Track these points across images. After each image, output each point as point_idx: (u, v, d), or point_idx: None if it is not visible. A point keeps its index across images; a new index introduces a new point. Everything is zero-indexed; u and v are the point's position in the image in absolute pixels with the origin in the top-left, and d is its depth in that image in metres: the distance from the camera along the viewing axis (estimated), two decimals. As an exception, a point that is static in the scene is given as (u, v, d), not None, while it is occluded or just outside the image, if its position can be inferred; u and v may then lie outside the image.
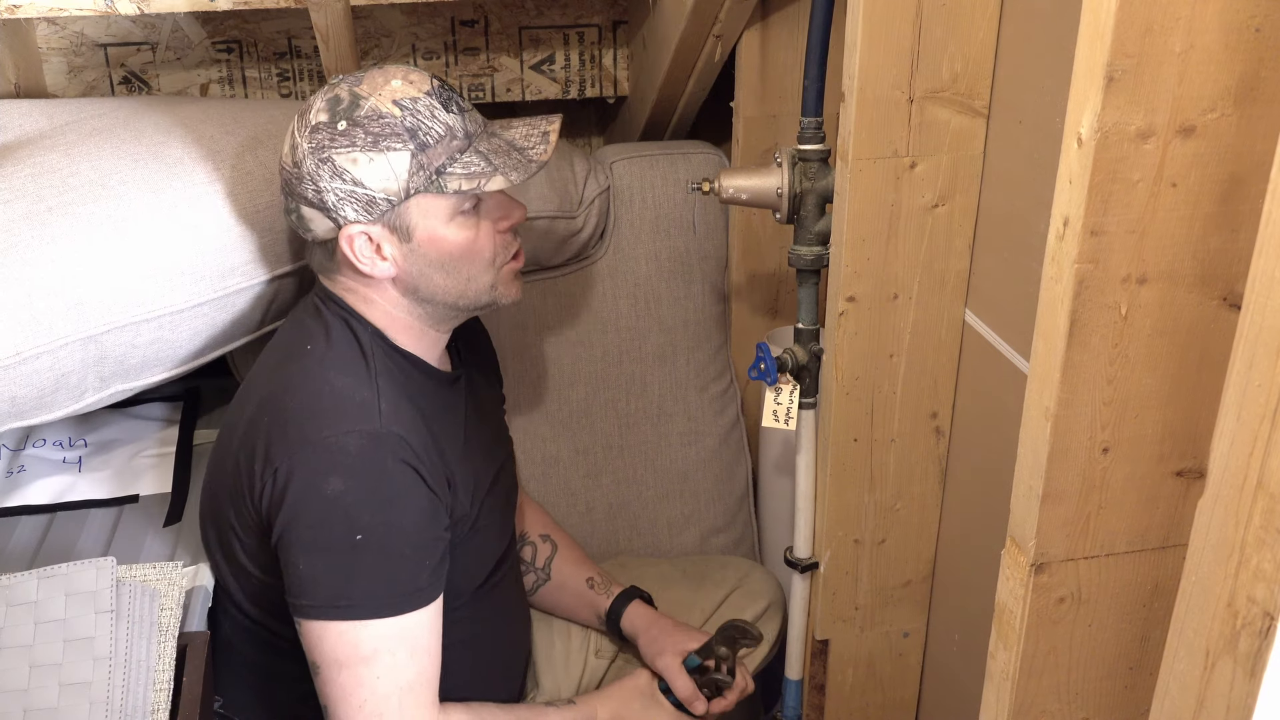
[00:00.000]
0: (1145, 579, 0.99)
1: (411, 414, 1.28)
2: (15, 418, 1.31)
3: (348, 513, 1.20)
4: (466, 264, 1.28)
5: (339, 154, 1.23)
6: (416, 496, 1.24)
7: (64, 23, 1.90)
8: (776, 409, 1.49)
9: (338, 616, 1.22)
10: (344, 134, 1.23)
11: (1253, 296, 0.68)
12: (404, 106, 1.23)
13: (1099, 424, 0.92)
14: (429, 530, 1.26)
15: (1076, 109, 0.83)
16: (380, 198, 1.23)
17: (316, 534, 1.21)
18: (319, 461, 1.21)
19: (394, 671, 1.23)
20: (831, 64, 1.38)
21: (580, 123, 2.32)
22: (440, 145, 1.24)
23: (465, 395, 1.42)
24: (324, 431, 1.22)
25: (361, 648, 1.22)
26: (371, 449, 1.22)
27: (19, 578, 1.30)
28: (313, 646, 1.24)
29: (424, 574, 1.25)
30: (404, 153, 1.22)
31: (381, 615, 1.22)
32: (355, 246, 1.26)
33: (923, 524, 1.51)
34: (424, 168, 1.23)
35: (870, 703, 1.64)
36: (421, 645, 1.26)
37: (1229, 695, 0.73)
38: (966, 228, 1.34)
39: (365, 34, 1.96)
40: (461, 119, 1.26)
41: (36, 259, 1.29)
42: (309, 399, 1.25)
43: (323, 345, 1.29)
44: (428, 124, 1.23)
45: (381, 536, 1.21)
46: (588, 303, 1.87)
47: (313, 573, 1.22)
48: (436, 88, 1.26)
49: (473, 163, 1.25)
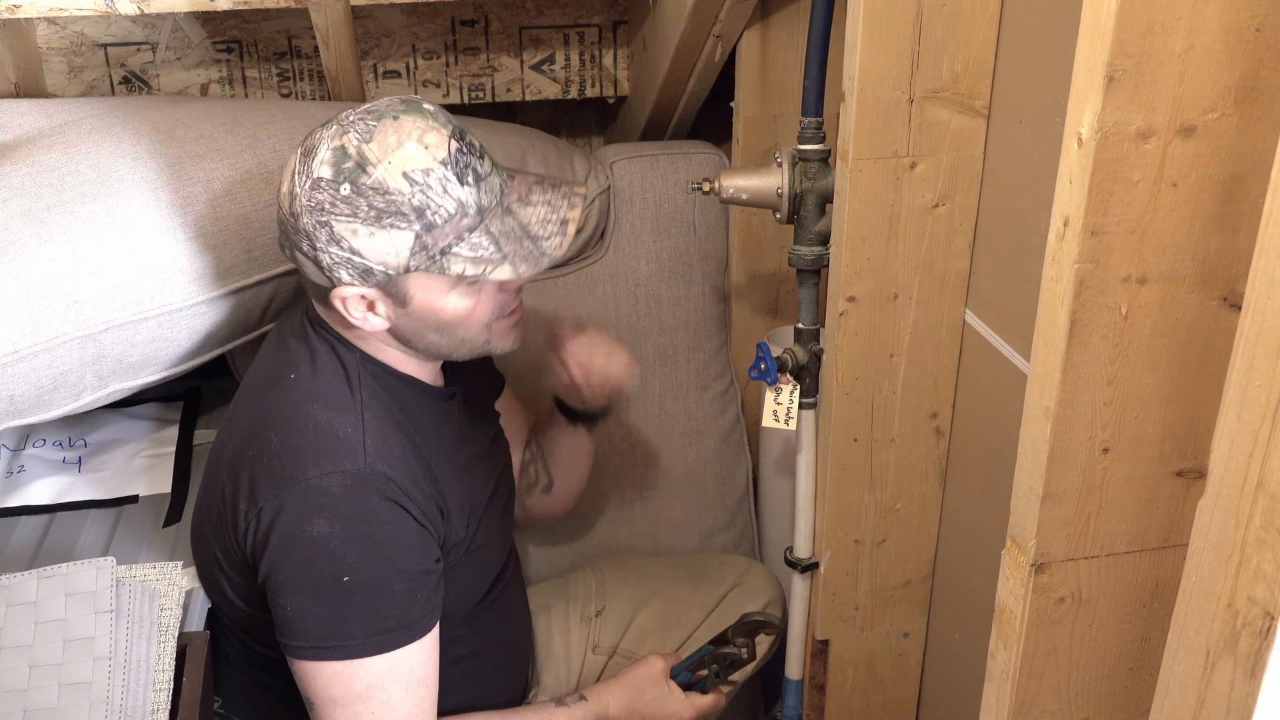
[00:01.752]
0: (1145, 579, 0.99)
1: (400, 444, 1.25)
2: (14, 416, 1.31)
3: (334, 554, 1.18)
4: (462, 329, 1.26)
5: (338, 221, 1.16)
6: (404, 532, 1.22)
7: (64, 23, 1.90)
8: (776, 409, 1.49)
9: (329, 657, 1.21)
10: (346, 200, 1.15)
11: (1253, 296, 0.68)
12: (414, 181, 1.15)
13: (1099, 424, 0.92)
14: (418, 564, 1.24)
15: (1076, 109, 0.83)
16: (378, 269, 1.18)
17: (303, 576, 1.19)
18: (303, 503, 1.19)
19: (389, 707, 1.22)
20: (831, 64, 1.38)
21: (580, 123, 2.32)
22: (449, 225, 1.17)
23: (460, 410, 1.40)
24: (308, 472, 1.19)
25: (355, 686, 1.21)
26: (355, 489, 1.20)
27: (19, 578, 1.30)
28: (306, 685, 1.23)
29: (415, 607, 1.23)
30: (408, 232, 1.15)
31: (374, 653, 1.21)
32: (348, 305, 1.22)
33: (923, 524, 1.51)
34: (427, 248, 1.17)
35: (870, 703, 1.64)
36: (416, 677, 1.24)
37: (1229, 695, 0.73)
38: (966, 228, 1.34)
39: (365, 34, 1.96)
40: (476, 192, 1.18)
41: (35, 257, 1.29)
42: (292, 435, 1.22)
43: (307, 374, 1.26)
44: (437, 202, 1.16)
45: (369, 576, 1.20)
46: (588, 303, 1.87)
47: (301, 614, 1.20)
48: (454, 153, 1.17)
49: (481, 245, 1.19)
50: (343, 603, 1.19)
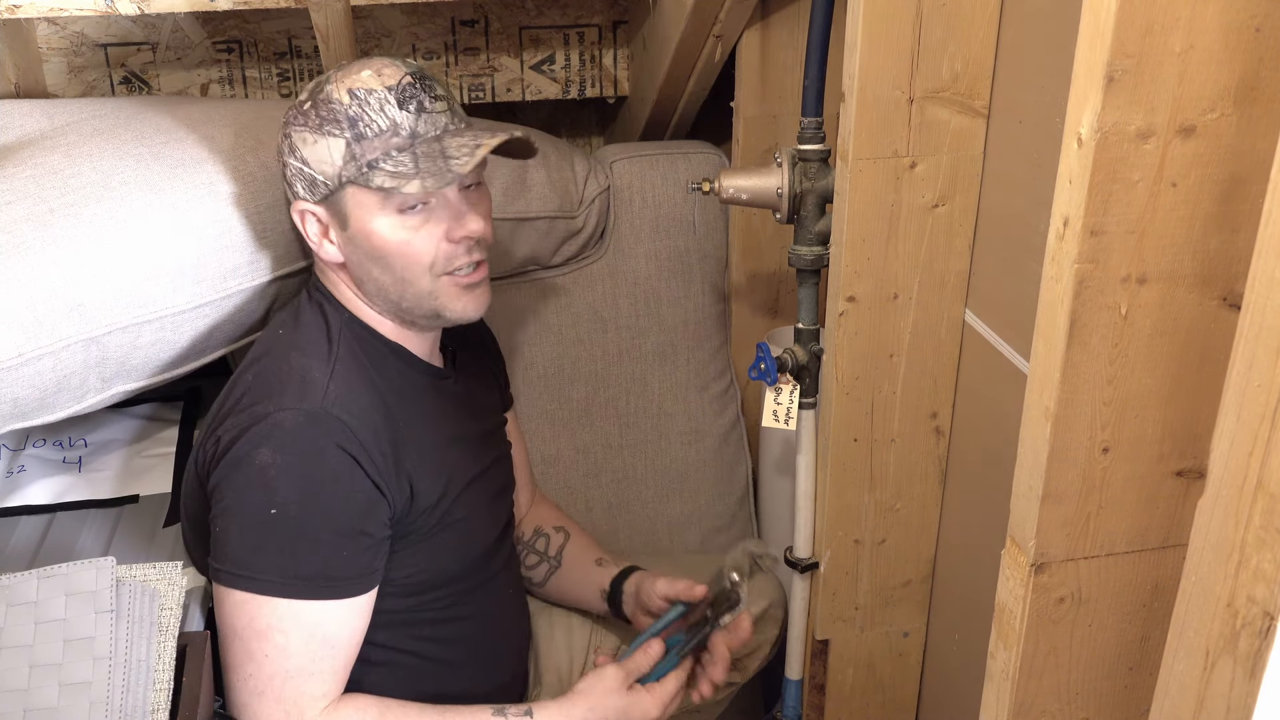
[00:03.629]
0: (1145, 579, 0.99)
1: (367, 398, 1.28)
2: (17, 419, 1.31)
3: (268, 485, 1.21)
4: (400, 264, 1.28)
5: (294, 130, 1.28)
6: (351, 485, 1.24)
7: (64, 23, 1.90)
8: (776, 409, 1.49)
9: (239, 586, 1.23)
10: (303, 112, 1.27)
11: (1253, 296, 0.68)
12: (355, 95, 1.24)
13: (1099, 424, 0.92)
14: (354, 522, 1.25)
15: (1076, 109, 0.83)
16: (319, 179, 1.26)
17: (235, 499, 1.23)
18: (255, 433, 1.22)
19: (284, 652, 1.23)
20: (831, 64, 1.38)
21: (580, 123, 2.32)
22: (378, 140, 1.24)
23: (457, 394, 1.42)
24: (268, 404, 1.24)
25: (256, 622, 1.23)
26: (307, 427, 1.23)
27: (19, 578, 1.30)
28: (217, 609, 1.26)
29: (337, 565, 1.24)
30: (340, 140, 1.24)
31: (280, 595, 1.22)
32: (306, 224, 1.30)
33: (923, 524, 1.51)
34: (356, 158, 1.24)
35: (870, 703, 1.64)
36: (321, 635, 1.24)
37: (1229, 695, 0.74)
38: (966, 228, 1.34)
39: (365, 34, 1.96)
40: (414, 119, 1.25)
41: (38, 260, 1.29)
42: (263, 375, 1.28)
43: (291, 327, 1.32)
44: (371, 116, 1.24)
45: (295, 514, 1.22)
46: (588, 303, 1.87)
47: (225, 537, 1.23)
48: (404, 84, 1.26)
49: (403, 163, 1.24)
50: (264, 535, 1.22)
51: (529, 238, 1.76)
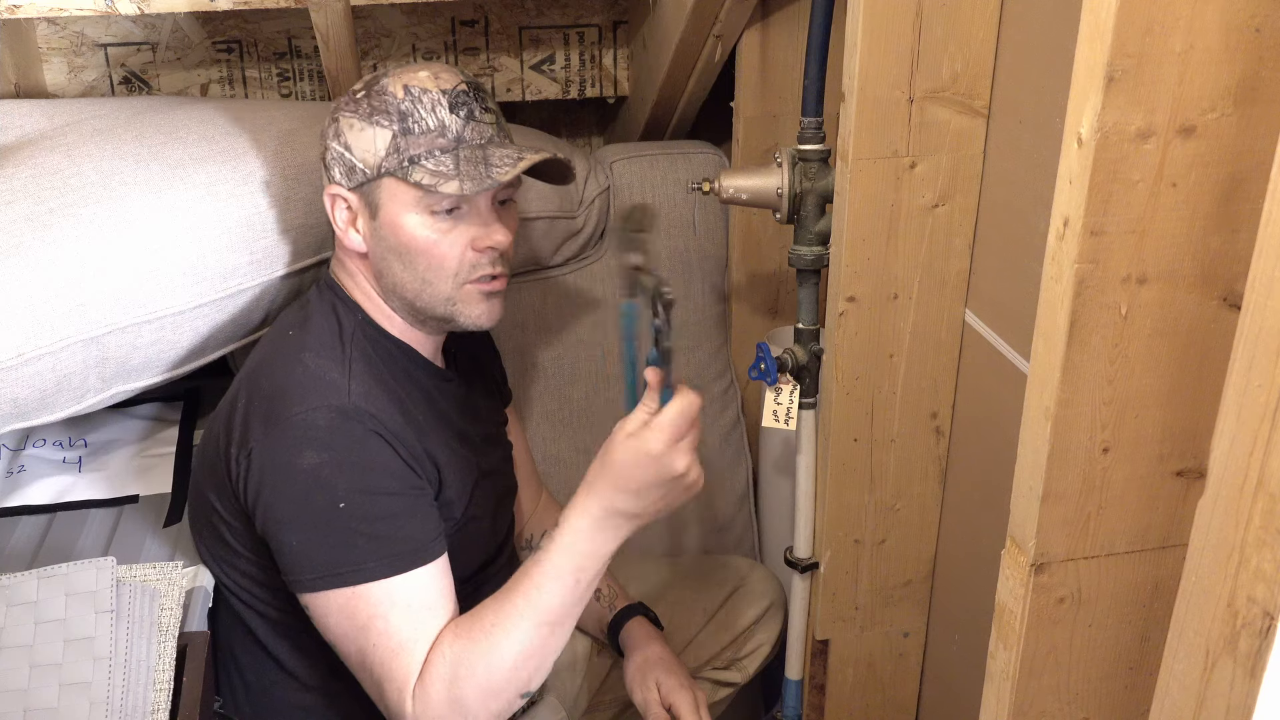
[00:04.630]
0: (1145, 579, 0.99)
1: (384, 398, 1.28)
2: (17, 419, 1.31)
3: (326, 483, 1.20)
4: (423, 264, 1.28)
5: (344, 116, 1.29)
6: (391, 462, 1.25)
7: (64, 23, 1.90)
8: (776, 409, 1.49)
9: (340, 584, 1.21)
10: (357, 101, 1.28)
11: (1253, 296, 0.68)
12: (410, 92, 1.26)
13: (1099, 424, 0.92)
14: (410, 484, 1.26)
15: (1076, 109, 0.83)
16: (359, 166, 1.27)
17: (300, 509, 1.21)
18: (290, 439, 1.22)
19: (398, 631, 1.21)
20: (831, 64, 1.38)
21: (580, 123, 2.32)
22: (424, 137, 1.25)
23: (458, 396, 1.42)
24: (293, 408, 1.22)
25: (360, 614, 1.21)
26: (340, 422, 1.23)
27: (19, 578, 1.30)
28: (320, 619, 1.24)
29: (418, 528, 1.24)
30: (388, 131, 1.26)
31: (384, 575, 1.21)
32: (335, 209, 1.31)
33: (923, 524, 1.51)
34: (399, 151, 1.25)
35: (870, 703, 1.64)
36: (422, 601, 1.23)
37: (1229, 695, 0.73)
38: (966, 228, 1.34)
39: (365, 34, 1.96)
40: (463, 124, 1.27)
41: (38, 261, 1.29)
42: (281, 378, 1.26)
43: (301, 330, 1.31)
44: (421, 113, 1.26)
45: (363, 501, 1.21)
46: (588, 302, 1.87)
47: (305, 547, 1.22)
48: (457, 90, 1.28)
49: (444, 163, 1.25)
50: (343, 529, 1.21)
51: (529, 238, 1.77)
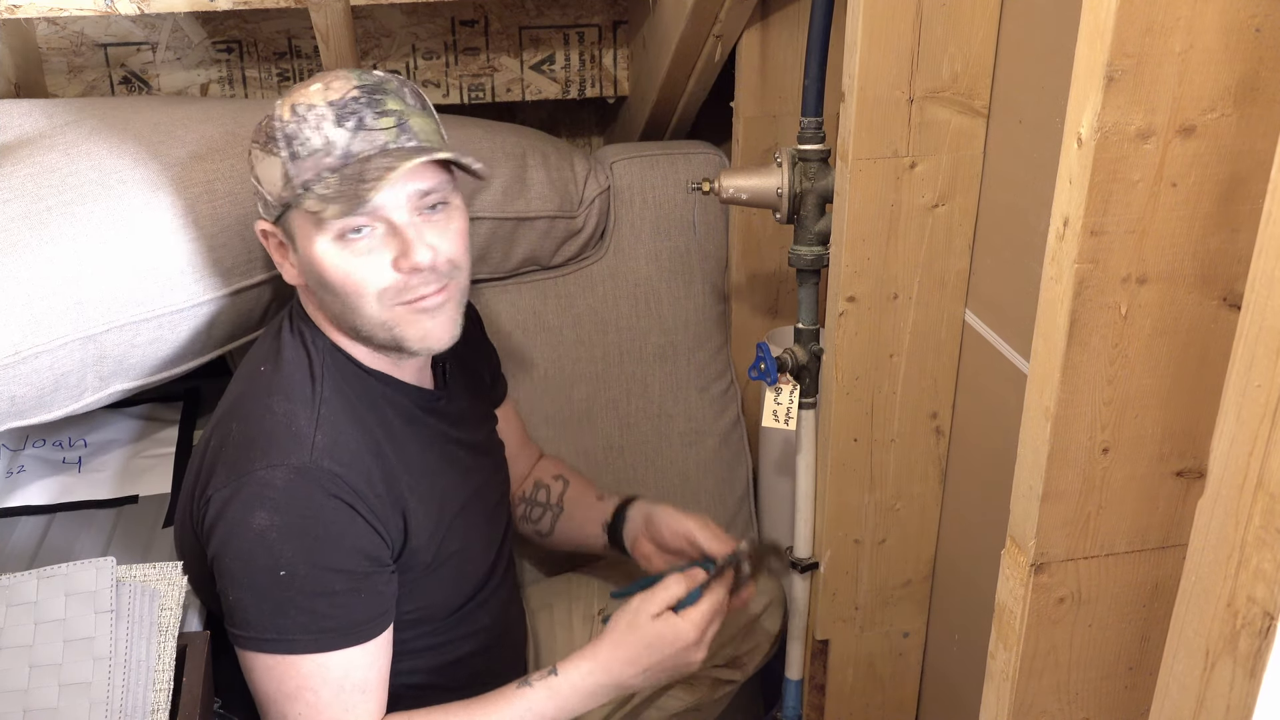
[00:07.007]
0: (1145, 579, 0.99)
1: (356, 441, 1.24)
2: (15, 417, 1.31)
3: (271, 548, 1.18)
4: (343, 293, 1.20)
5: (252, 146, 1.24)
6: (351, 532, 1.21)
7: (64, 23, 1.90)
8: (776, 409, 1.49)
9: (268, 650, 1.21)
10: (259, 129, 1.23)
11: (1253, 296, 0.68)
12: (297, 112, 1.18)
13: (1099, 424, 0.92)
14: (360, 563, 1.22)
15: (1076, 109, 0.83)
16: (269, 198, 1.22)
17: (242, 567, 1.20)
18: (247, 494, 1.19)
19: (315, 710, 1.22)
20: (831, 64, 1.38)
21: (580, 123, 2.32)
22: (310, 159, 1.17)
23: (448, 413, 1.39)
24: (254, 464, 1.20)
25: (286, 684, 1.21)
26: (298, 483, 1.19)
27: (19, 578, 1.30)
28: (249, 675, 1.24)
29: (358, 609, 1.22)
30: (277, 159, 1.19)
31: (310, 651, 1.21)
32: (268, 243, 1.27)
33: (923, 524, 1.51)
34: (290, 180, 1.18)
35: (870, 703, 1.64)
36: (354, 681, 1.23)
37: (1229, 695, 0.73)
38: (966, 228, 1.34)
39: (365, 34, 1.96)
40: (352, 137, 1.16)
41: (35, 259, 1.29)
42: (249, 426, 1.23)
43: (275, 366, 1.27)
44: (306, 134, 1.17)
45: (306, 573, 1.19)
46: (588, 303, 1.87)
47: (241, 604, 1.21)
48: (346, 100, 1.17)
49: (332, 185, 1.16)
50: (280, 597, 1.20)
51: (528, 238, 1.76)
